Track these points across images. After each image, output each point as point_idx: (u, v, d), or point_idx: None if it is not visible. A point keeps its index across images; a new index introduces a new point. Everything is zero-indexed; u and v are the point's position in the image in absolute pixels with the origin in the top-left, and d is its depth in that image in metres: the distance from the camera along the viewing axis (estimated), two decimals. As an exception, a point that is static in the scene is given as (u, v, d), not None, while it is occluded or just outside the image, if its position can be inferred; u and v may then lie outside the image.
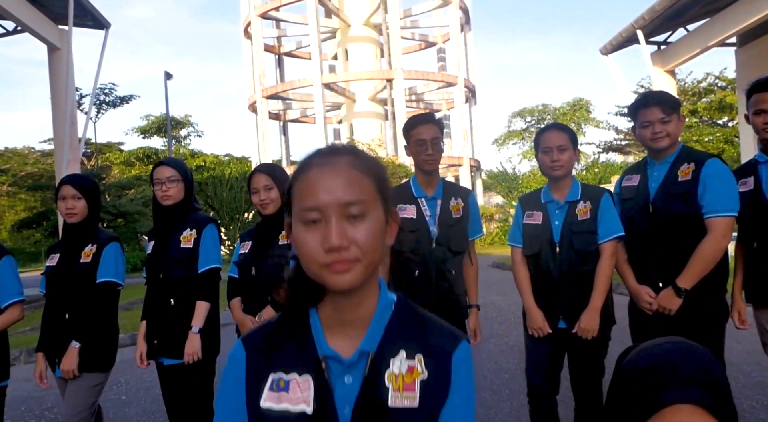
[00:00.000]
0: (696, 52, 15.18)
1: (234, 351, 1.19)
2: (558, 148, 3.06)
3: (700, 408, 1.03)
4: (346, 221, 1.07)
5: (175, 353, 3.09)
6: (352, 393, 1.11)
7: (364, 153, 1.20)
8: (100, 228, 3.28)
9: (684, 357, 1.10)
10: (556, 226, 3.06)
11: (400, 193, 3.24)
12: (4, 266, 3.06)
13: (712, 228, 2.83)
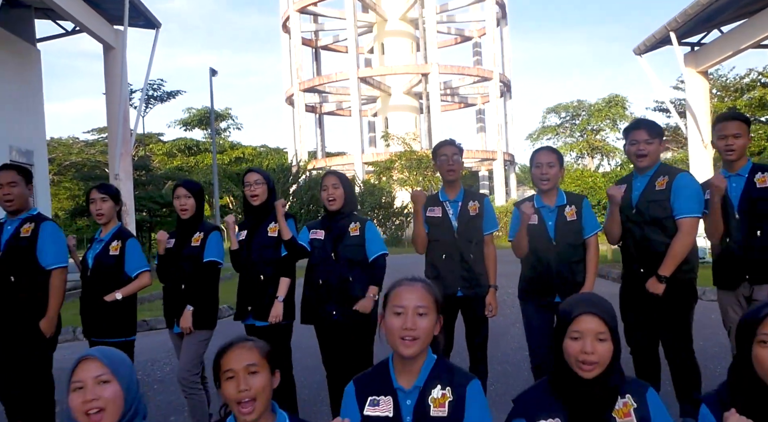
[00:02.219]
0: (729, 53, 15.35)
1: (348, 387, 2.15)
2: (547, 164, 3.79)
3: (597, 317, 1.90)
4: (417, 316, 2.02)
5: (264, 317, 3.85)
6: (411, 408, 2.04)
7: (432, 285, 2.14)
8: (204, 220, 4.04)
9: (590, 298, 2.01)
10: (550, 226, 3.80)
11: (431, 199, 4.12)
12: (132, 245, 3.87)
13: (681, 227, 3.56)
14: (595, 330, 1.89)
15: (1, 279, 3.59)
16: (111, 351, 1.86)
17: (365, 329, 3.78)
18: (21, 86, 15.46)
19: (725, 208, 3.59)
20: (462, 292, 3.90)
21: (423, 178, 28.10)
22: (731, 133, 3.59)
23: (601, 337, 1.89)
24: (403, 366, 2.08)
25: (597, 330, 1.89)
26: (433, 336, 2.07)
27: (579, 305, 1.96)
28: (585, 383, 1.89)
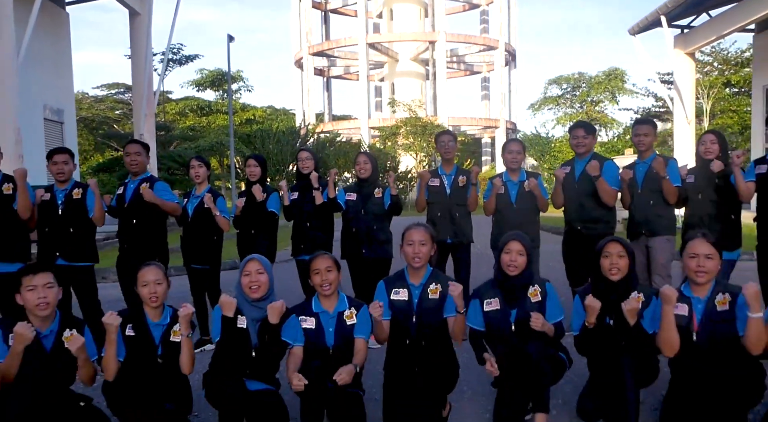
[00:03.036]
0: (716, 36, 16.39)
1: (380, 284, 3.54)
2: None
3: (618, 243, 3.28)
4: (420, 245, 3.41)
5: (311, 251, 4.84)
6: (418, 294, 3.42)
7: (429, 227, 3.51)
8: (267, 184, 5.32)
9: (615, 237, 3.47)
10: (512, 195, 5.21)
11: (433, 172, 5.50)
12: (221, 200, 5.10)
13: (606, 195, 4.97)
14: (618, 251, 3.22)
15: (128, 222, 4.94)
16: (262, 257, 3.26)
17: (384, 263, 5.19)
18: (52, 48, 16.48)
19: (633, 185, 4.96)
20: (450, 240, 5.26)
21: (427, 144, 29.22)
22: (642, 132, 4.96)
23: (620, 254, 3.22)
24: (413, 272, 3.50)
25: (618, 251, 3.22)
26: (430, 256, 3.41)
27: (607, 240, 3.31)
28: (612, 284, 3.21)
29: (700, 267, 3.05)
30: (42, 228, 4.65)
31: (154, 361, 3.11)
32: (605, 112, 38.06)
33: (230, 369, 3.04)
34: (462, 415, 3.58)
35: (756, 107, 17.44)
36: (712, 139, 4.66)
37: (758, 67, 17.35)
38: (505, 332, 3.28)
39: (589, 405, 3.23)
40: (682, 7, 15.57)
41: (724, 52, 32.82)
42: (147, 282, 3.17)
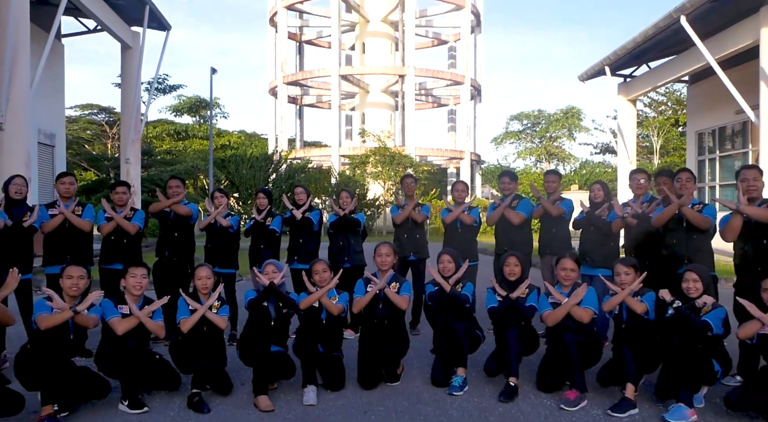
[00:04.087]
0: (655, 86, 18.42)
1: (359, 281, 5.20)
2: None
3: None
4: (386, 257, 5.18)
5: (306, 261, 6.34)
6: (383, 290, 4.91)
7: (392, 245, 5.34)
8: (272, 209, 6.72)
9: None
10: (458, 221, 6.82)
11: (399, 204, 6.90)
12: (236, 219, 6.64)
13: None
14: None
15: (170, 235, 6.35)
16: (277, 261, 4.73)
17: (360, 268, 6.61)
18: (49, 76, 17.67)
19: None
20: (412, 257, 6.75)
21: (395, 173, 30.77)
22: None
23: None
24: (381, 275, 4.99)
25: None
26: (393, 264, 4.87)
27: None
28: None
29: (566, 277, 4.75)
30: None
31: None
32: (563, 147, 40.39)
33: (257, 336, 4.43)
34: (411, 375, 5.12)
35: (690, 149, 19.44)
36: (598, 187, 6.26)
37: (692, 114, 19.40)
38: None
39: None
40: (624, 59, 17.50)
41: (677, 92, 35.33)
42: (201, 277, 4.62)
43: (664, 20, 14.01)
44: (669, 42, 15.79)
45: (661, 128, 34.04)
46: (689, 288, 4.34)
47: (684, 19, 13.19)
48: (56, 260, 5.63)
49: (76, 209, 5.85)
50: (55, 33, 14.83)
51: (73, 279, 4.27)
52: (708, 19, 13.68)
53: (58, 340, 4.04)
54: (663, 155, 36.44)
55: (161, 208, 6.26)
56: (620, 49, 16.95)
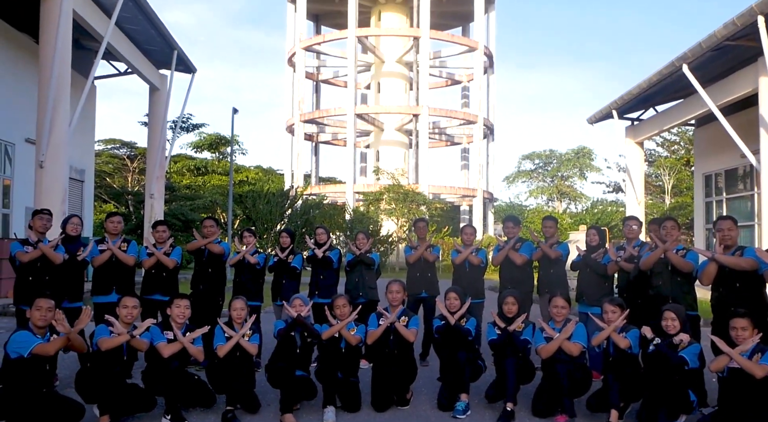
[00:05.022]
0: (660, 129, 19.04)
1: (372, 315, 5.85)
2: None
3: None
4: (397, 293, 5.87)
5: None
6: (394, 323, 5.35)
7: (402, 283, 5.99)
8: (294, 247, 7.34)
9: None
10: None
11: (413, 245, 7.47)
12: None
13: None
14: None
15: (205, 270, 6.98)
16: (303, 296, 5.41)
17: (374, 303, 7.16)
18: (81, 115, 18.62)
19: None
20: (425, 294, 7.32)
21: (408, 211, 31.40)
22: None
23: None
24: (392, 309, 5.46)
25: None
26: (403, 300, 5.44)
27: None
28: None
29: (558, 314, 5.37)
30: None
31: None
32: (574, 186, 40.95)
33: (285, 362, 5.01)
34: (419, 400, 5.67)
35: (698, 191, 19.91)
36: (593, 232, 6.83)
37: (699, 156, 19.94)
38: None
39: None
40: (631, 103, 18.15)
41: (689, 132, 35.77)
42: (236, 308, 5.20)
43: (667, 68, 14.68)
44: (673, 88, 16.40)
45: (672, 168, 34.51)
46: (668, 326, 4.88)
47: (686, 67, 13.84)
48: (103, 290, 6.31)
49: (122, 245, 6.51)
50: (92, 78, 15.77)
51: (128, 308, 4.93)
52: (709, 67, 14.34)
53: (114, 360, 4.66)
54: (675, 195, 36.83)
55: (198, 247, 6.92)
56: (627, 94, 17.59)
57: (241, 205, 30.68)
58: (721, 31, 12.37)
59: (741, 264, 5.16)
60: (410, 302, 7.03)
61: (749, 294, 5.20)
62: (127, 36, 17.05)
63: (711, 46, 12.93)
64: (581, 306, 6.82)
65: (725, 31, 12.28)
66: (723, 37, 12.43)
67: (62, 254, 6.00)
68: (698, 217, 19.68)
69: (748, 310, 4.73)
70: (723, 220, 5.50)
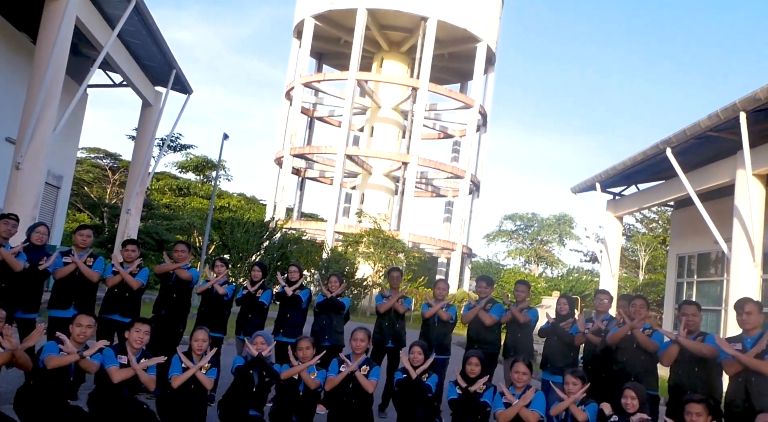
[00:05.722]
0: (641, 206, 19.36)
1: (333, 361, 5.76)
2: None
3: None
4: (361, 341, 5.78)
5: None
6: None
7: (368, 331, 5.73)
8: (265, 282, 7.23)
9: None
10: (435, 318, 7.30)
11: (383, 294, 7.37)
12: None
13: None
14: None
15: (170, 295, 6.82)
16: (266, 334, 5.29)
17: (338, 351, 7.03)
18: (68, 121, 18.45)
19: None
20: (391, 344, 7.21)
21: (386, 257, 31.32)
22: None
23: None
24: (355, 357, 5.34)
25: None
26: (367, 348, 5.35)
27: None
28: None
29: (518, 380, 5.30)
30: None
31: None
32: (552, 252, 41.34)
33: (239, 400, 4.87)
34: None
35: (670, 271, 20.13)
36: (564, 301, 6.83)
37: (675, 237, 20.24)
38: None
39: None
40: (615, 178, 18.48)
41: (667, 212, 36.43)
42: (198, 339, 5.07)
43: (652, 149, 15.02)
44: (656, 168, 16.77)
45: (649, 245, 35.04)
46: (627, 404, 4.86)
47: (669, 151, 14.18)
48: (61, 305, 6.12)
49: (88, 260, 6.36)
50: (86, 86, 15.72)
51: (82, 327, 4.75)
52: (691, 154, 14.70)
53: (59, 381, 4.47)
54: (649, 271, 37.25)
55: (166, 271, 6.78)
56: (611, 168, 17.94)
57: (219, 231, 30.42)
58: (705, 122, 12.75)
59: (702, 350, 5.26)
60: (375, 351, 6.93)
61: (706, 380, 5.30)
62: (127, 48, 17.06)
63: (695, 134, 13.30)
64: (545, 373, 6.77)
65: (709, 122, 12.66)
66: (707, 127, 12.80)
67: (23, 262, 5.82)
68: (669, 296, 19.84)
69: (704, 396, 4.74)
70: (688, 305, 5.64)
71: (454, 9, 39.62)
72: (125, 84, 19.20)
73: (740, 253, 13.11)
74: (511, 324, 7.16)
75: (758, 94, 11.22)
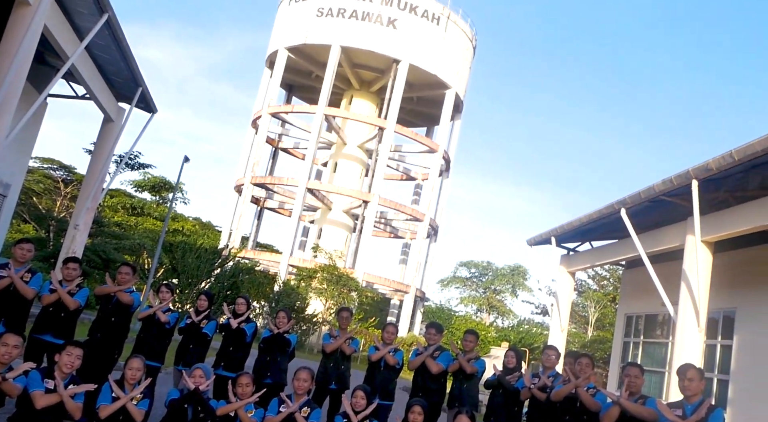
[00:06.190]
0: (593, 264, 19.67)
1: (273, 400, 5.49)
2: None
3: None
4: (304, 381, 5.58)
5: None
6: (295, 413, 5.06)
7: (311, 371, 5.69)
8: (210, 312, 6.98)
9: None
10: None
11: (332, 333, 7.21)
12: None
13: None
14: None
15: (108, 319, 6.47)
16: (206, 367, 5.01)
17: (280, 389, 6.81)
18: (23, 129, 17.89)
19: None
20: (334, 386, 7.01)
21: (338, 294, 30.98)
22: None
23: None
24: (296, 398, 5.15)
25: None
26: (309, 390, 5.17)
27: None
28: None
29: None
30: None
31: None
32: (505, 302, 41.62)
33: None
34: None
35: (618, 330, 20.37)
36: (512, 354, 6.80)
37: (624, 296, 20.56)
38: None
39: None
40: (570, 234, 18.76)
41: (619, 271, 37.12)
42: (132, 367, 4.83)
43: (607, 209, 15.35)
44: (610, 227, 17.10)
45: (599, 302, 35.58)
46: None
47: (624, 211, 14.49)
48: None
49: (25, 275, 6.05)
50: (46, 95, 15.33)
51: (8, 347, 4.45)
52: (644, 216, 15.06)
53: (-25, 402, 4.17)
54: (598, 328, 37.73)
55: (107, 293, 6.49)
56: (567, 224, 18.23)
57: (170, 254, 29.61)
58: (659, 186, 13.13)
59: (642, 413, 5.28)
60: (317, 392, 6.72)
61: None
62: (94, 61, 16.74)
63: (649, 197, 13.66)
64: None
65: (663, 187, 13.03)
66: (660, 191, 13.17)
67: None
68: (615, 355, 20.03)
69: None
70: (631, 367, 5.68)
71: (427, 55, 40.47)
72: (88, 97, 18.80)
73: (686, 317, 13.36)
74: (457, 374, 7.06)
75: (710, 164, 11.61)
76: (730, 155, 11.11)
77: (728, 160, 11.17)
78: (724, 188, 12.96)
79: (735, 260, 14.83)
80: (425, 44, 40.41)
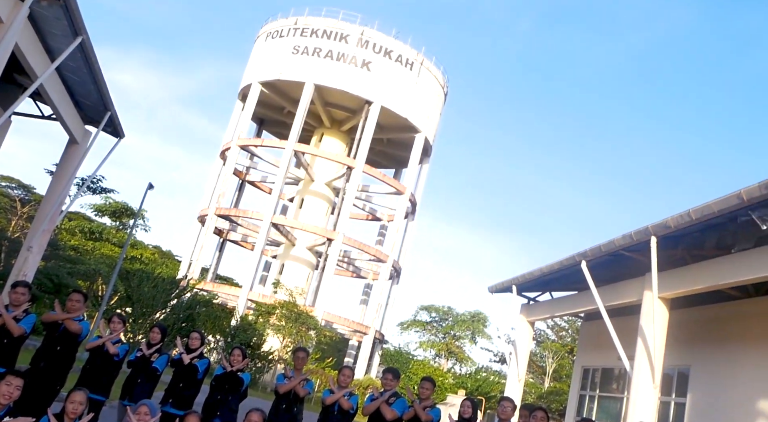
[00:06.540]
0: (552, 314, 19.80)
1: None
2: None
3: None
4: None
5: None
6: None
7: (262, 412, 5.33)
8: (162, 345, 6.74)
9: None
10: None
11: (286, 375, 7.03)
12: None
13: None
14: None
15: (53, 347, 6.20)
16: (152, 404, 4.74)
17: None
18: (-18, 147, 17.47)
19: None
20: (284, 428, 6.80)
21: (296, 332, 30.46)
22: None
23: None
24: None
25: None
26: None
27: None
28: None
29: None
30: None
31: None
32: (463, 348, 41.45)
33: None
34: None
35: (574, 382, 20.43)
36: (468, 404, 6.72)
37: (581, 349, 20.71)
38: None
39: None
40: (531, 283, 18.94)
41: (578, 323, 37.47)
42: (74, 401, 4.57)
43: (568, 260, 15.55)
44: (570, 279, 17.31)
45: (557, 353, 35.72)
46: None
47: (584, 263, 14.72)
48: None
49: (19, 315, 5.85)
50: (11, 113, 15.02)
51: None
52: (604, 269, 15.30)
53: None
54: (555, 379, 37.75)
55: (54, 320, 6.22)
56: (528, 273, 18.42)
57: (126, 281, 28.89)
58: (619, 240, 13.38)
59: None
60: None
61: None
62: (63, 83, 16.51)
63: (609, 251, 13.91)
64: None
65: (623, 242, 13.29)
66: (620, 246, 13.42)
67: None
68: (571, 407, 20.02)
69: None
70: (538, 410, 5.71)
71: (399, 98, 41.07)
72: (54, 118, 18.49)
73: (641, 373, 13.47)
74: (412, 421, 6.93)
75: (669, 222, 11.91)
76: (688, 214, 11.43)
77: (686, 218, 11.49)
78: (681, 246, 13.27)
79: (691, 318, 15.11)
80: (398, 88, 41.05)
